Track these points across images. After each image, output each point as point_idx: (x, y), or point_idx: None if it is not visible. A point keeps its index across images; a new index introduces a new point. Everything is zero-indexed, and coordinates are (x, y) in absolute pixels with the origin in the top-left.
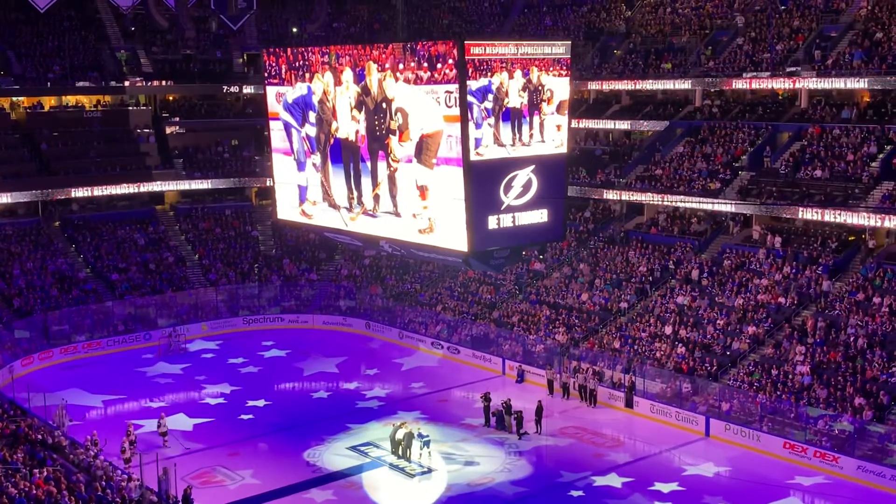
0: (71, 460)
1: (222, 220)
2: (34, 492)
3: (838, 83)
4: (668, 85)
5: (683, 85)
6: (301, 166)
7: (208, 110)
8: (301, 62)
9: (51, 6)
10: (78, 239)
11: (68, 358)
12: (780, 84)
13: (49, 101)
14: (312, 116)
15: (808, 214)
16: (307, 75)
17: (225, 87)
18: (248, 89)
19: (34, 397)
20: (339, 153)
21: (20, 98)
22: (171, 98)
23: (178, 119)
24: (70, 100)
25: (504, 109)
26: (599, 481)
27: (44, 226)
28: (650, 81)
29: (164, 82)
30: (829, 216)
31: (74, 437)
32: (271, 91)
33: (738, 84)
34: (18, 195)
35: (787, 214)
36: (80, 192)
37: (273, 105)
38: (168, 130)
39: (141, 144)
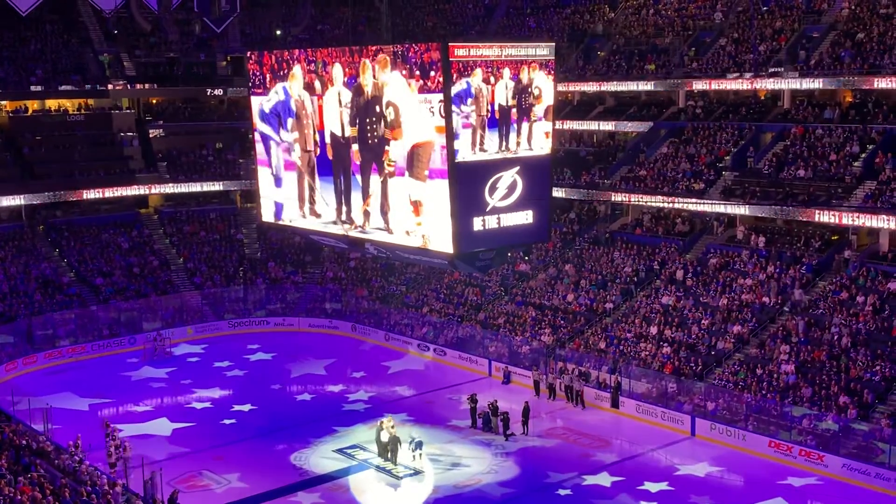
0: (56, 465)
1: (207, 223)
2: (19, 497)
3: (816, 83)
4: (652, 86)
5: (664, 86)
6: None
7: (192, 113)
8: (286, 71)
9: (33, 10)
10: (62, 243)
11: (53, 363)
12: (761, 84)
13: (32, 105)
14: (290, 123)
15: (821, 216)
16: (289, 81)
17: (209, 90)
18: (232, 92)
19: (19, 402)
20: (328, 165)
21: (2, 102)
22: (154, 101)
23: (161, 122)
24: (53, 104)
25: (489, 115)
26: (587, 481)
27: (27, 230)
28: (633, 83)
29: (147, 85)
30: (813, 216)
31: (58, 442)
32: (255, 101)
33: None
34: (1, 200)
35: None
36: (63, 197)
37: (257, 115)
38: (152, 134)
39: (125, 148)
